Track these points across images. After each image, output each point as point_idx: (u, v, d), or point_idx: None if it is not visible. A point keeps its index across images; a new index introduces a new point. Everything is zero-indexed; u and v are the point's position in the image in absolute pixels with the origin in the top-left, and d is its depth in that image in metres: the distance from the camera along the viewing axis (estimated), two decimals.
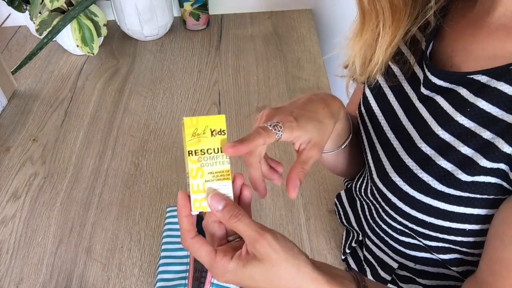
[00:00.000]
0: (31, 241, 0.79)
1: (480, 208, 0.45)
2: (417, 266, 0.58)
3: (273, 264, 0.40)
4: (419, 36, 0.53)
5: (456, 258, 0.52)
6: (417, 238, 0.53)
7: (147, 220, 0.82)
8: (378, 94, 0.57)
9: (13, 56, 1.23)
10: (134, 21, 1.19)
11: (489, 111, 0.42)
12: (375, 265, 0.63)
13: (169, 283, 0.65)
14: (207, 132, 0.43)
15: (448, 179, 0.45)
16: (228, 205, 0.42)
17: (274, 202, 0.83)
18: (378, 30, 0.50)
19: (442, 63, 0.50)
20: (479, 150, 0.43)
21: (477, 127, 0.43)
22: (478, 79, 0.44)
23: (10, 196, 0.87)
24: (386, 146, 0.54)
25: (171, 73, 1.15)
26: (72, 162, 0.93)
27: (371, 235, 0.62)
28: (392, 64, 0.55)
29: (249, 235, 0.40)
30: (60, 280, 0.74)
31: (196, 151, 0.43)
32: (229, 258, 0.41)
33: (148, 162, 0.92)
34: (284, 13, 1.33)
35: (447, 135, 0.45)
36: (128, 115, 1.03)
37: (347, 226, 0.71)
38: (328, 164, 0.67)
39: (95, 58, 1.20)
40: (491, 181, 0.43)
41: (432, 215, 0.48)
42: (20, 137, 0.99)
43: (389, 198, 0.52)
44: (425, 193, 0.47)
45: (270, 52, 1.19)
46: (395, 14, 0.48)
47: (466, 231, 0.47)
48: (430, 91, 0.49)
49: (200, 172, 0.43)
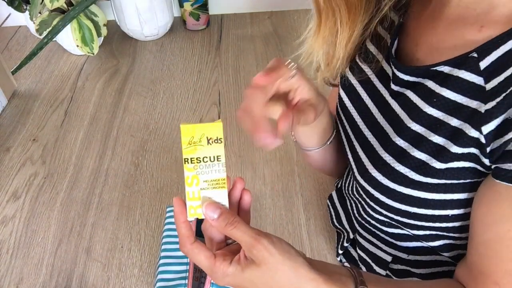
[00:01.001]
0: (31, 241, 0.79)
1: (459, 193, 0.46)
2: (410, 257, 0.59)
3: (270, 267, 0.41)
4: (383, 33, 0.55)
5: (445, 243, 0.53)
6: (405, 229, 0.54)
7: (147, 220, 0.82)
8: (351, 93, 0.59)
9: (13, 56, 1.23)
10: (134, 21, 1.19)
11: (454, 99, 0.44)
12: (369, 262, 0.64)
13: (169, 283, 0.65)
14: (204, 140, 0.43)
15: (423, 168, 0.46)
16: (223, 214, 0.42)
17: (274, 202, 0.83)
18: (336, 27, 0.51)
19: (409, 58, 0.51)
20: (449, 137, 0.44)
21: (445, 116, 0.44)
22: (441, 70, 0.45)
23: (10, 196, 0.87)
24: (363, 143, 0.55)
25: (171, 73, 1.15)
26: (72, 162, 0.93)
27: (362, 231, 0.63)
28: (361, 64, 0.57)
29: (246, 241, 0.41)
30: (60, 280, 0.74)
31: (192, 159, 0.43)
32: (228, 262, 0.42)
33: (148, 162, 0.92)
34: (284, 13, 1.33)
35: (418, 127, 0.47)
36: (128, 115, 1.03)
37: (338, 226, 0.72)
38: (317, 163, 0.68)
39: (95, 58, 1.20)
40: (464, 165, 0.44)
41: (414, 205, 0.49)
42: (20, 137, 0.99)
43: (372, 194, 0.53)
44: (404, 185, 0.49)
45: (270, 52, 1.19)
46: (350, 11, 0.50)
47: (449, 216, 0.48)
48: (400, 86, 0.50)
49: (196, 179, 0.43)
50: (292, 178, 0.88)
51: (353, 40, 0.53)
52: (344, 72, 0.59)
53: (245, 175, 0.88)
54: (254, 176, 0.88)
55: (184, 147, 0.43)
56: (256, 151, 0.93)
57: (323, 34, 0.53)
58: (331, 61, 0.56)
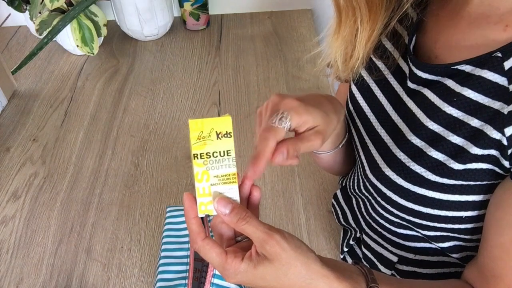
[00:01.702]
0: (31, 241, 0.79)
1: (475, 194, 0.45)
2: (417, 257, 0.58)
3: (283, 263, 0.40)
4: (401, 30, 0.54)
5: (455, 245, 0.52)
6: (415, 229, 0.53)
7: (147, 220, 0.82)
8: (364, 90, 0.58)
9: (13, 56, 1.23)
10: (134, 21, 1.19)
11: (475, 99, 0.43)
12: (374, 261, 0.63)
13: (169, 283, 0.65)
14: (213, 134, 0.42)
15: (440, 169, 0.45)
16: (235, 209, 0.42)
17: (274, 202, 0.83)
18: (356, 26, 0.50)
19: (427, 56, 0.50)
20: (469, 138, 0.43)
21: (465, 116, 0.43)
22: (462, 69, 0.44)
23: (10, 196, 0.87)
24: (377, 142, 0.54)
25: (171, 73, 1.15)
26: (72, 162, 0.93)
27: (369, 231, 0.62)
28: (376, 60, 0.56)
29: (258, 236, 0.40)
30: (60, 280, 0.74)
31: (202, 154, 0.42)
32: (239, 259, 0.41)
33: (148, 162, 0.92)
34: (284, 13, 1.33)
35: (436, 126, 0.46)
36: (128, 115, 1.03)
37: (345, 224, 0.71)
38: (326, 165, 0.67)
39: (95, 58, 1.20)
40: (483, 167, 0.43)
41: (428, 206, 0.48)
42: (20, 137, 0.99)
43: (384, 193, 0.52)
44: (419, 185, 0.48)
45: (270, 52, 1.19)
46: (371, 9, 0.48)
47: (463, 218, 0.48)
48: (417, 84, 0.49)
49: (206, 175, 0.42)
50: (292, 178, 0.88)
51: (372, 39, 0.51)
52: (359, 71, 0.58)
53: None
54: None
55: (193, 142, 0.42)
56: None
57: (343, 33, 0.51)
58: (349, 61, 0.54)
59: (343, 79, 0.61)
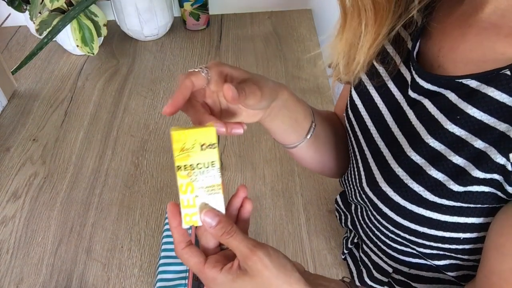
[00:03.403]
0: (31, 241, 0.79)
1: (474, 217, 0.44)
2: (411, 271, 0.57)
3: (264, 281, 0.40)
4: (404, 35, 0.51)
5: (452, 263, 0.51)
6: (410, 246, 0.52)
7: (147, 220, 0.82)
8: (364, 97, 0.56)
9: (13, 56, 1.23)
10: (134, 21, 1.19)
11: (480, 118, 0.40)
12: (370, 268, 0.63)
13: (169, 283, 0.65)
14: (196, 146, 0.41)
15: (440, 189, 0.43)
16: (221, 222, 0.42)
17: (274, 202, 0.83)
18: (360, 29, 0.48)
19: (430, 63, 0.47)
20: (471, 160, 0.41)
21: (468, 136, 0.41)
22: (467, 83, 0.42)
23: (10, 196, 0.87)
24: (376, 154, 0.52)
25: (171, 73, 1.15)
26: (72, 162, 0.93)
27: (365, 238, 0.61)
28: (376, 64, 0.54)
29: (241, 251, 0.40)
30: (60, 280, 0.74)
31: (186, 166, 0.41)
32: (218, 269, 0.41)
33: (148, 162, 0.92)
34: (284, 13, 1.33)
35: (437, 144, 0.44)
36: (128, 115, 1.03)
37: (346, 228, 0.71)
38: (304, 162, 0.65)
39: (95, 58, 1.20)
40: (484, 190, 0.41)
41: (425, 225, 0.47)
42: (20, 137, 0.99)
43: (380, 208, 0.50)
44: (416, 204, 0.46)
45: (270, 52, 1.19)
46: (378, 12, 0.46)
47: (460, 239, 0.46)
48: (418, 94, 0.47)
49: (190, 187, 0.42)
50: (292, 178, 0.88)
51: (376, 44, 0.49)
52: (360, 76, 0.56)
53: (245, 175, 0.88)
54: (254, 176, 0.88)
55: (176, 155, 0.41)
56: (256, 151, 0.93)
57: (347, 35, 0.50)
58: (351, 65, 0.53)
59: (344, 82, 0.59)
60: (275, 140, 0.60)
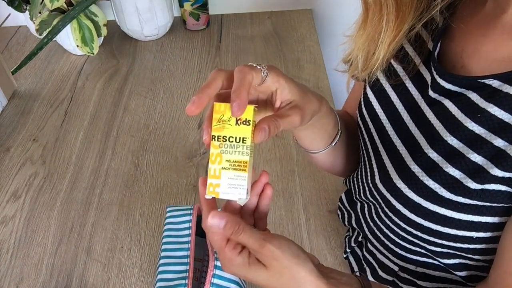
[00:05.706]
0: (31, 241, 0.79)
1: (490, 216, 0.43)
2: (418, 269, 0.57)
3: (277, 271, 0.41)
4: (425, 35, 0.51)
5: (461, 263, 0.51)
6: (420, 245, 0.52)
7: (147, 220, 0.82)
8: (380, 95, 0.56)
9: (13, 56, 1.23)
10: (134, 21, 1.19)
11: (501, 117, 0.40)
12: (375, 267, 0.62)
13: (169, 283, 0.65)
14: (233, 120, 0.42)
15: (456, 187, 0.43)
16: (228, 223, 0.42)
17: (274, 202, 0.83)
18: (381, 25, 0.48)
19: (451, 64, 0.47)
20: (490, 158, 0.41)
21: (488, 134, 0.41)
22: (489, 83, 0.42)
23: (10, 196, 0.87)
24: (391, 151, 0.52)
25: (171, 73, 1.15)
26: (72, 162, 0.93)
27: (371, 237, 0.61)
28: (395, 63, 0.54)
29: (251, 246, 0.41)
30: (60, 280, 0.74)
31: (219, 137, 0.43)
32: (237, 251, 0.42)
33: (148, 162, 0.92)
34: (284, 13, 1.33)
35: (456, 142, 0.44)
36: (128, 115, 1.03)
37: (349, 227, 0.71)
38: (324, 165, 0.66)
39: (95, 58, 1.20)
40: (501, 189, 0.41)
41: (438, 223, 0.47)
42: (20, 137, 0.99)
43: (393, 204, 0.50)
44: (432, 201, 0.46)
45: (270, 52, 1.19)
46: (400, 9, 0.46)
47: (473, 238, 0.46)
48: (439, 94, 0.47)
49: (219, 158, 0.43)
50: (292, 178, 0.88)
51: (397, 40, 0.49)
52: (377, 73, 0.56)
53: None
54: (254, 176, 0.88)
55: (213, 124, 0.43)
56: (256, 151, 0.93)
57: (368, 31, 0.50)
58: (370, 61, 0.53)
59: (361, 79, 0.59)
60: (297, 144, 0.60)
